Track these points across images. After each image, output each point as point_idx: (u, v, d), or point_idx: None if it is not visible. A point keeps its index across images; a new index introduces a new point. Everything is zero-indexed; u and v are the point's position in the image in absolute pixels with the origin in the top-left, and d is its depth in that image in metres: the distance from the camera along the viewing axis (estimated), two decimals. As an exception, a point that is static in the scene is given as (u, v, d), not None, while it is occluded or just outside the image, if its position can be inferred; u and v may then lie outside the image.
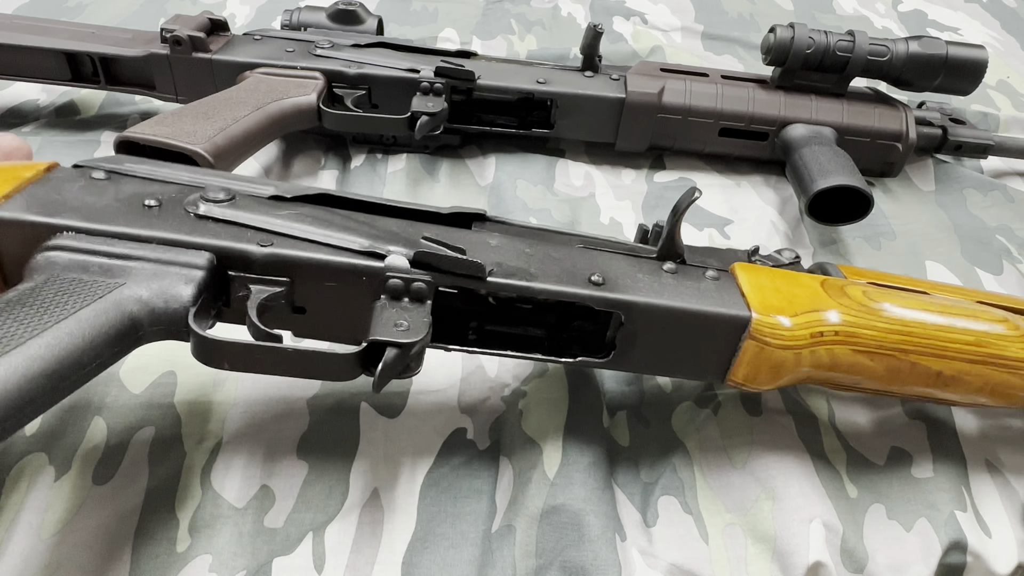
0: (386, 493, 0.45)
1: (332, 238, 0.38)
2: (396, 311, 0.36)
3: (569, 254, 0.42)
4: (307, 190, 0.42)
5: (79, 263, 0.34)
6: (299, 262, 0.37)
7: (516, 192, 0.67)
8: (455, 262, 0.37)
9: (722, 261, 0.45)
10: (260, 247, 0.36)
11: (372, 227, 0.39)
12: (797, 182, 0.65)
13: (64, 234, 0.35)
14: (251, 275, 0.37)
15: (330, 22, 0.74)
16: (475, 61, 0.72)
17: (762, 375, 0.42)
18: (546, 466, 0.45)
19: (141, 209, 0.37)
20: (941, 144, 0.73)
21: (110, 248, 0.35)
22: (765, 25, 1.02)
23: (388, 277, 0.37)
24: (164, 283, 0.35)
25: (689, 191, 0.40)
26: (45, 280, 0.33)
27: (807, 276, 0.45)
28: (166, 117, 0.58)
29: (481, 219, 0.44)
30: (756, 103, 0.70)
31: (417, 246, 0.38)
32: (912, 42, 0.67)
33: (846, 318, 0.41)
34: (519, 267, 0.39)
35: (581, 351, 0.43)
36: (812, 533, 0.43)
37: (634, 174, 0.73)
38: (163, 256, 0.35)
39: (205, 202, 0.38)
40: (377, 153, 0.72)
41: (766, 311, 0.41)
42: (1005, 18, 1.10)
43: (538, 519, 0.43)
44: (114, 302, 0.33)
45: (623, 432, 0.49)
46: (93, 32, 0.69)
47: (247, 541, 0.42)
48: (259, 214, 0.38)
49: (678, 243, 0.43)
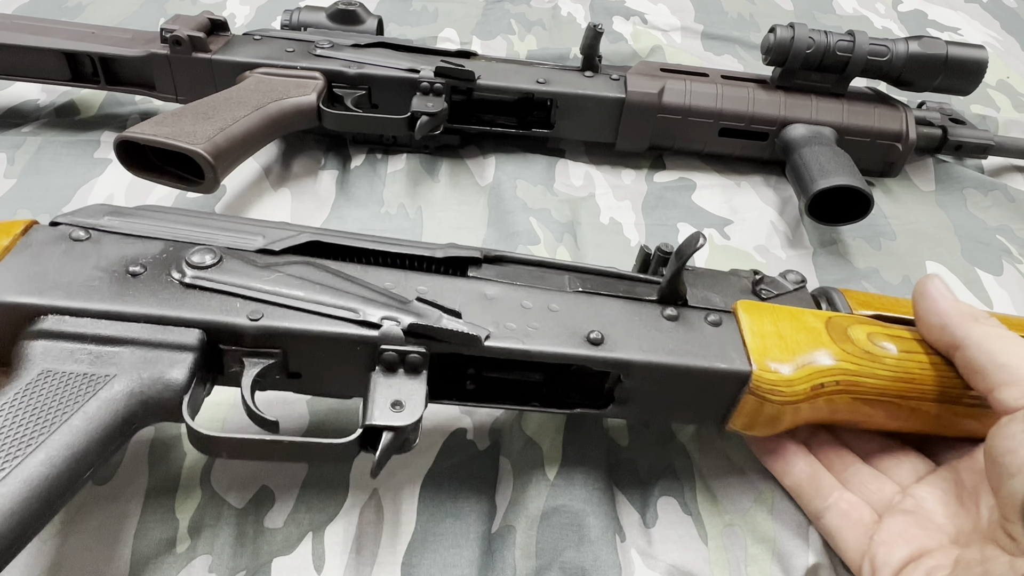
0: (386, 493, 0.45)
1: (324, 305, 0.36)
2: (392, 386, 0.36)
3: (567, 304, 0.41)
4: (296, 236, 0.40)
5: (67, 353, 0.33)
6: (291, 333, 0.35)
7: (516, 192, 0.67)
8: (451, 334, 0.36)
9: (725, 293, 0.44)
10: (251, 321, 0.35)
11: (364, 285, 0.38)
12: (797, 182, 0.65)
13: (48, 317, 0.33)
14: (243, 348, 0.36)
15: (330, 22, 0.74)
16: (475, 61, 0.72)
17: (759, 426, 0.42)
18: (546, 467, 0.45)
19: (125, 279, 0.35)
20: (941, 144, 0.73)
21: (97, 331, 0.34)
22: (765, 25, 1.02)
23: (383, 351, 0.36)
24: (155, 370, 0.33)
25: (694, 236, 0.38)
26: (35, 378, 0.32)
27: (812, 314, 0.43)
28: (166, 117, 0.58)
29: (478, 262, 0.42)
30: (756, 103, 0.70)
31: (410, 310, 0.37)
32: (912, 42, 0.67)
33: (848, 367, 0.40)
34: (517, 327, 0.38)
35: (579, 397, 0.42)
36: (811, 535, 0.43)
37: (634, 174, 0.73)
38: (152, 337, 0.34)
39: (191, 267, 0.36)
40: (377, 153, 0.72)
41: (766, 366, 0.40)
42: (1005, 18, 1.10)
43: (538, 520, 0.43)
44: (106, 400, 0.32)
45: (622, 433, 0.49)
46: (93, 32, 0.69)
47: (247, 541, 0.42)
48: (247, 278, 0.36)
49: (680, 289, 0.42)
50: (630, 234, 0.65)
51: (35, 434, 0.30)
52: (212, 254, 0.37)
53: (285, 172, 0.70)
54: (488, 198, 0.68)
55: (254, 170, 0.69)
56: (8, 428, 0.30)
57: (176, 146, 0.56)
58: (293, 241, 0.40)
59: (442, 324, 0.36)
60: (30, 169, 0.67)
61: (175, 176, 0.59)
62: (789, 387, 0.39)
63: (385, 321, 0.36)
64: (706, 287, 0.44)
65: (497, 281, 0.41)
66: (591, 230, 0.65)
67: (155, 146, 0.56)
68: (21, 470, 0.29)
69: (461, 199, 0.68)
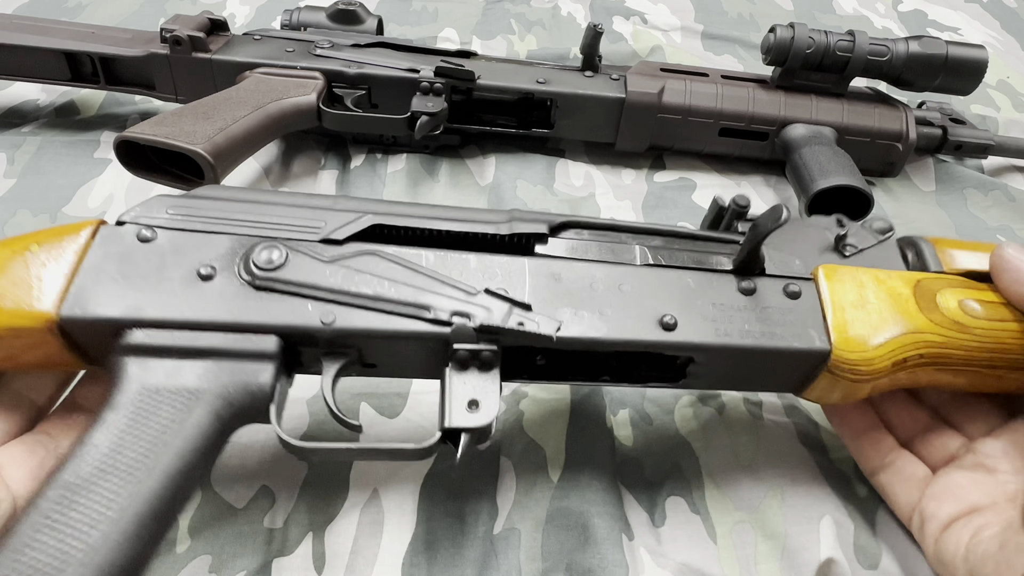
0: (386, 493, 0.45)
1: (394, 304, 0.36)
2: (466, 384, 0.36)
3: (639, 283, 0.39)
4: (357, 220, 0.39)
5: (159, 368, 0.34)
6: (364, 333, 0.36)
7: (516, 192, 0.67)
8: (522, 335, 0.36)
9: (806, 252, 0.42)
10: (324, 324, 0.36)
11: (432, 277, 0.38)
12: (797, 182, 0.65)
13: (135, 331, 0.34)
14: (319, 349, 0.37)
15: (330, 22, 0.74)
16: (475, 61, 0.72)
17: (834, 398, 0.41)
18: (550, 469, 0.45)
19: (196, 282, 0.36)
20: (941, 144, 0.73)
21: (183, 343, 0.34)
22: (765, 25, 1.02)
23: (456, 350, 0.36)
24: (242, 378, 0.34)
25: (776, 210, 0.36)
26: (136, 399, 0.33)
27: (899, 279, 0.41)
28: (166, 117, 0.58)
29: (543, 237, 0.41)
30: (756, 103, 0.70)
31: (481, 303, 0.37)
32: (912, 42, 0.67)
33: (935, 339, 0.38)
34: (588, 315, 0.38)
35: (649, 370, 0.41)
36: (823, 530, 0.43)
37: (634, 174, 0.73)
38: (234, 346, 0.35)
39: (259, 268, 0.36)
40: (377, 153, 0.72)
41: (847, 342, 0.38)
42: (1005, 18, 1.10)
43: (543, 522, 0.43)
44: (202, 413, 0.33)
45: (627, 431, 0.49)
46: (93, 32, 0.69)
47: (247, 541, 0.42)
48: (315, 276, 0.37)
49: (759, 260, 0.40)
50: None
51: (148, 454, 0.31)
52: (278, 251, 0.37)
53: (285, 172, 0.70)
54: (488, 198, 0.68)
55: (254, 170, 0.69)
56: (121, 451, 0.31)
57: (176, 146, 0.56)
58: (355, 227, 0.39)
59: (513, 325, 0.36)
60: (30, 169, 0.67)
61: (175, 176, 0.59)
62: (869, 365, 0.38)
63: (456, 318, 0.36)
64: (786, 246, 0.42)
65: (565, 258, 0.40)
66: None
67: (155, 146, 0.56)
68: (140, 489, 0.30)
69: (462, 199, 0.68)
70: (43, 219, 0.62)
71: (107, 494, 0.30)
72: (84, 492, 0.30)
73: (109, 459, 0.31)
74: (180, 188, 0.58)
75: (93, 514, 0.29)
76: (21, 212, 0.63)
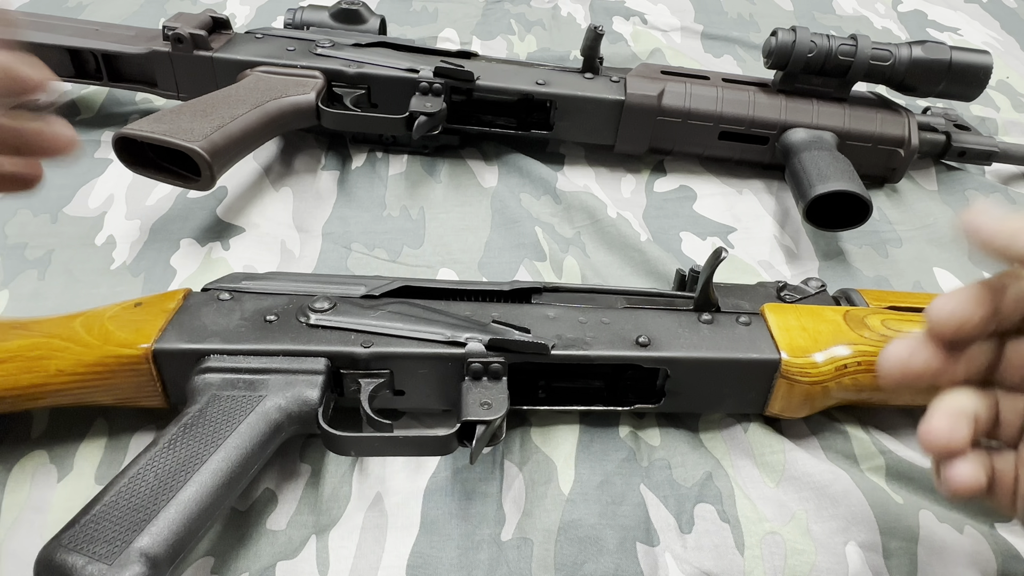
0: (389, 496, 0.45)
1: (420, 332, 0.45)
2: (479, 391, 0.43)
3: (617, 317, 0.48)
4: (389, 284, 0.49)
5: (229, 381, 0.42)
6: (396, 356, 0.44)
7: (520, 204, 0.67)
8: (523, 344, 0.44)
9: (754, 301, 0.50)
10: (363, 348, 0.44)
11: (449, 315, 0.46)
12: (796, 187, 0.64)
13: (211, 357, 0.43)
14: (359, 371, 0.44)
15: (333, 21, 0.74)
16: (475, 61, 0.72)
17: (795, 407, 0.47)
18: (560, 481, 0.45)
19: (263, 324, 0.45)
20: (945, 150, 0.73)
21: (249, 364, 0.43)
22: (765, 25, 1.02)
23: (470, 363, 0.43)
24: (295, 390, 0.42)
25: (717, 250, 0.45)
26: (207, 401, 0.41)
27: (830, 310, 0.49)
28: (164, 114, 0.58)
29: (539, 291, 0.50)
30: (757, 107, 0.69)
31: (489, 330, 0.45)
32: (915, 47, 0.67)
33: (867, 348, 0.45)
34: (576, 337, 0.46)
35: (635, 397, 0.48)
36: (849, 549, 0.43)
37: (634, 182, 0.72)
38: (290, 366, 0.43)
39: (314, 312, 0.45)
40: (377, 153, 0.72)
41: (794, 352, 0.45)
42: (1005, 18, 1.10)
43: (555, 534, 0.43)
44: (262, 413, 0.41)
45: (653, 432, 0.49)
46: (96, 29, 0.69)
47: (250, 544, 0.42)
48: (358, 317, 0.46)
49: (711, 296, 0.48)
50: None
51: (214, 439, 0.39)
52: (329, 301, 0.46)
53: (285, 171, 0.70)
54: (491, 200, 0.68)
55: (254, 169, 0.69)
56: (192, 437, 0.39)
57: (173, 143, 0.55)
58: (389, 288, 0.49)
59: (515, 337, 0.44)
60: (30, 167, 0.66)
61: (173, 173, 0.59)
62: (816, 368, 0.45)
63: (469, 340, 0.44)
64: (736, 297, 0.51)
65: (556, 305, 0.49)
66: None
67: (153, 143, 0.56)
68: (209, 464, 0.38)
69: (463, 200, 0.68)
70: (44, 219, 0.62)
71: (190, 468, 0.38)
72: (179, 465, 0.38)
73: (192, 445, 0.39)
74: (178, 185, 0.58)
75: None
76: (22, 212, 0.63)
